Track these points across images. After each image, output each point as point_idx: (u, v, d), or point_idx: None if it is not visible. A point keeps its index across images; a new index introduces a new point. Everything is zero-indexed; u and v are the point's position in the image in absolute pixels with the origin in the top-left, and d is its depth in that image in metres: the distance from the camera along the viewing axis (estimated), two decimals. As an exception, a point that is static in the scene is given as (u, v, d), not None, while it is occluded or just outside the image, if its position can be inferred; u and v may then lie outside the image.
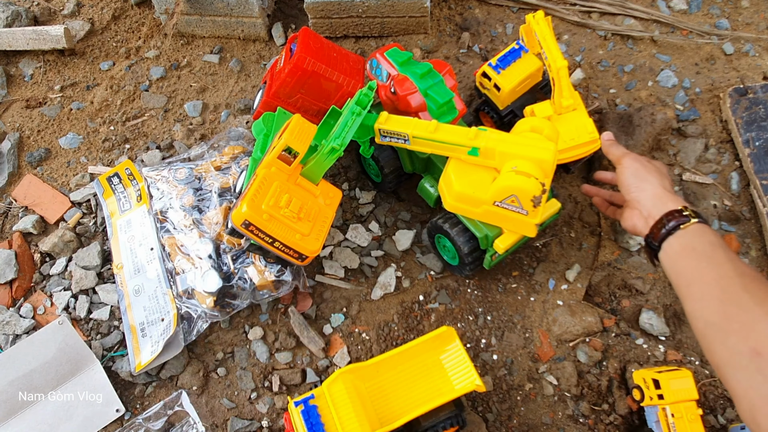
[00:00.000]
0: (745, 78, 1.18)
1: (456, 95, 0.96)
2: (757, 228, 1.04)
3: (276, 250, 0.87)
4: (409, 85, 0.95)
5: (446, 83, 0.96)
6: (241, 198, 0.85)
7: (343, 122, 0.87)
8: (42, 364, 0.96)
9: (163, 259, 1.03)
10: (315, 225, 0.88)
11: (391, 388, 0.84)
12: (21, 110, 1.32)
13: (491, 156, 0.84)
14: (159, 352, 0.94)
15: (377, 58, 1.01)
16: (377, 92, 1.02)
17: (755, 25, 1.26)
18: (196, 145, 1.19)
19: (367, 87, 0.90)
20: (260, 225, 0.83)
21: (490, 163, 0.85)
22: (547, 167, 0.81)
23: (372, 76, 1.04)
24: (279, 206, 0.85)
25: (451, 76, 0.98)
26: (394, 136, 0.91)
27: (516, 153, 0.82)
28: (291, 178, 0.88)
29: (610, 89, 1.21)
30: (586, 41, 1.28)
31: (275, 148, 0.86)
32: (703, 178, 1.10)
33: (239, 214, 0.83)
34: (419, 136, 0.88)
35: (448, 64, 0.99)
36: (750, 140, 1.09)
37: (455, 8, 1.35)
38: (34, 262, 1.11)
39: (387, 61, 1.00)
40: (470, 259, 0.93)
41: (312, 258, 0.89)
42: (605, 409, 0.91)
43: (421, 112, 0.95)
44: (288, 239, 0.85)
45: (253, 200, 0.82)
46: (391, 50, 1.01)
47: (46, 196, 1.18)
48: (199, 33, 1.35)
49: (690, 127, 1.14)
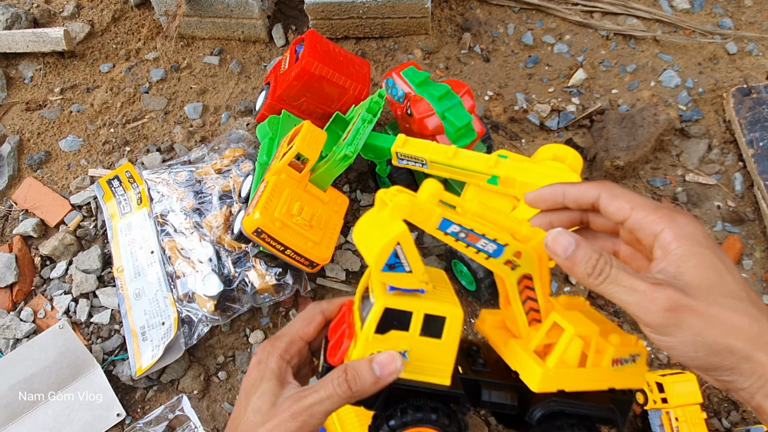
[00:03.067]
0: (749, 78, 1.17)
1: (474, 117, 0.93)
2: (761, 229, 1.03)
3: (286, 257, 0.86)
4: (426, 106, 0.92)
5: (464, 105, 0.93)
6: (253, 205, 0.84)
7: (355, 129, 0.87)
8: (42, 368, 0.96)
9: (164, 262, 1.02)
10: (326, 233, 0.88)
11: None
12: (21, 113, 1.32)
13: (511, 185, 0.82)
14: (160, 356, 0.94)
15: (393, 77, 0.99)
16: (392, 110, 1.01)
17: (759, 24, 1.25)
18: (196, 148, 1.19)
19: (377, 94, 0.89)
20: (273, 233, 0.82)
21: (509, 191, 0.84)
22: None
23: (388, 96, 1.00)
24: (291, 214, 0.84)
25: (470, 96, 0.95)
26: (412, 160, 0.89)
27: (537, 184, 0.79)
28: (300, 185, 0.88)
29: (613, 89, 1.21)
30: (588, 41, 1.27)
31: (286, 154, 0.86)
32: (706, 179, 1.09)
33: (252, 221, 0.81)
34: (437, 161, 0.85)
35: (466, 84, 0.95)
36: (754, 140, 1.08)
37: (456, 9, 1.34)
38: (35, 265, 1.11)
39: (403, 81, 0.97)
40: (487, 284, 0.92)
41: (322, 266, 0.89)
42: (608, 412, 0.91)
43: (439, 135, 0.93)
44: (300, 247, 0.84)
45: (265, 208, 0.81)
46: (407, 69, 0.98)
47: (46, 199, 1.18)
48: (199, 34, 1.35)
49: (693, 127, 1.13)
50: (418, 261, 0.44)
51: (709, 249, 0.41)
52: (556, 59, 1.26)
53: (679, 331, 0.38)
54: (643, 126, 1.10)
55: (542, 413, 0.49)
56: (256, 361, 0.50)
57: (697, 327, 0.38)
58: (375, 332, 0.46)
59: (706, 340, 0.38)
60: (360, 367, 0.44)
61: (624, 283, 0.40)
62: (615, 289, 0.40)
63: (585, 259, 0.41)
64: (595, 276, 0.41)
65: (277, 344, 0.51)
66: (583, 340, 0.48)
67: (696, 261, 0.40)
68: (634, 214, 0.43)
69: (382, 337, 0.46)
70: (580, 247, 0.41)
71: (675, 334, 0.39)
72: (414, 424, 0.48)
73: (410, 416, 0.47)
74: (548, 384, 0.48)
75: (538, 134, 1.18)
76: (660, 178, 1.10)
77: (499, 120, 1.19)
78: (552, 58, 1.26)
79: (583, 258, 0.41)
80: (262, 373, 0.48)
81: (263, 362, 0.49)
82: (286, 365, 0.50)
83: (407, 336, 0.46)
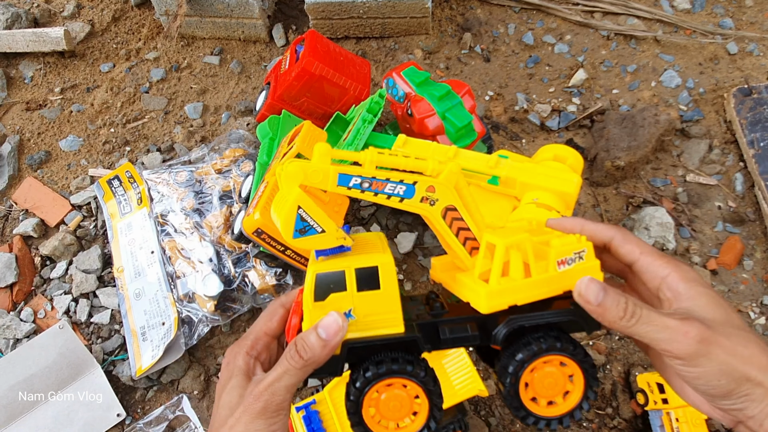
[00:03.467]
0: (750, 78, 1.17)
1: (475, 117, 0.93)
2: (761, 229, 1.03)
3: (286, 257, 0.86)
4: (426, 107, 0.92)
5: (465, 105, 0.93)
6: (253, 205, 0.84)
7: (355, 129, 0.87)
8: (42, 368, 0.96)
9: (164, 262, 1.02)
10: None
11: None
12: (21, 113, 1.32)
13: (512, 185, 0.82)
14: (160, 356, 0.94)
15: (394, 77, 0.99)
16: (392, 110, 1.01)
17: (759, 24, 1.24)
18: (196, 148, 1.19)
19: (377, 94, 0.89)
20: (273, 233, 0.82)
21: (510, 191, 0.84)
22: (569, 200, 0.78)
23: (389, 96, 1.01)
24: None
25: (470, 96, 0.95)
26: None
27: (538, 184, 0.79)
28: None
29: (613, 89, 1.21)
30: (589, 41, 1.27)
31: (286, 154, 0.85)
32: (707, 180, 1.09)
33: (252, 222, 0.81)
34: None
35: (466, 85, 0.96)
36: (755, 141, 1.08)
37: (456, 8, 1.34)
38: (35, 265, 1.11)
39: (404, 81, 0.97)
40: None
41: None
42: (609, 413, 0.91)
43: (439, 135, 0.93)
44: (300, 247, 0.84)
45: (266, 208, 0.81)
46: (408, 69, 0.98)
47: (46, 199, 1.18)
48: (200, 34, 1.35)
49: (694, 127, 1.13)
50: (326, 219, 0.45)
51: (711, 290, 0.46)
52: (557, 59, 1.25)
53: (708, 361, 0.41)
54: (643, 126, 1.10)
55: (504, 332, 0.49)
56: (225, 363, 0.52)
57: (722, 357, 0.41)
58: (315, 301, 0.47)
59: (729, 369, 0.41)
60: (307, 336, 0.46)
61: (655, 322, 0.43)
62: (647, 329, 0.43)
63: (615, 303, 0.43)
64: (627, 319, 0.43)
65: (242, 343, 0.52)
66: (519, 250, 0.48)
67: (706, 299, 0.44)
68: (643, 258, 0.47)
69: (323, 303, 0.47)
70: (609, 293, 0.44)
71: (703, 365, 0.42)
72: (389, 375, 0.48)
73: (385, 366, 0.48)
74: (496, 302, 0.47)
75: (539, 134, 1.18)
76: (661, 178, 1.10)
77: (500, 120, 1.19)
78: (552, 58, 1.26)
79: (613, 303, 0.43)
80: (231, 372, 0.50)
81: (231, 362, 0.51)
82: (254, 361, 0.51)
83: (347, 295, 0.47)
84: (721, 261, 1.01)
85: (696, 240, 1.03)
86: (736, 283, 0.99)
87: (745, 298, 0.98)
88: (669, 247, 1.01)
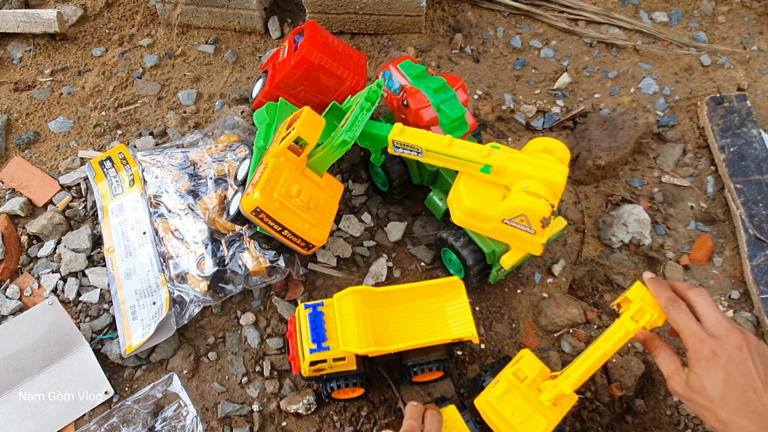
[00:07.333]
0: (721, 89, 1.25)
1: (468, 110, 0.97)
2: (730, 229, 1.10)
3: (283, 238, 0.88)
4: (422, 98, 0.95)
5: (458, 98, 0.97)
6: (252, 185, 0.86)
7: (354, 116, 0.89)
8: (30, 344, 0.95)
9: (156, 242, 1.03)
10: (322, 216, 0.90)
11: (393, 318, 0.87)
12: (9, 93, 1.30)
13: (503, 174, 0.86)
14: (150, 335, 0.95)
15: (390, 70, 1.02)
16: (387, 101, 1.04)
17: (730, 40, 1.33)
18: (190, 133, 1.19)
19: (375, 84, 0.92)
20: (271, 213, 0.84)
21: (501, 180, 0.87)
22: (557, 189, 0.82)
23: (385, 88, 1.04)
24: (290, 195, 0.86)
25: (464, 90, 0.99)
26: (408, 148, 0.91)
27: (528, 173, 0.83)
28: (298, 169, 0.90)
29: (595, 94, 1.27)
30: (573, 47, 1.33)
31: (285, 138, 0.88)
32: (680, 181, 1.15)
33: (251, 200, 0.83)
34: (433, 150, 0.88)
35: (460, 79, 0.99)
36: (725, 146, 1.15)
37: (449, 10, 1.38)
38: (21, 244, 1.10)
39: (400, 73, 1.00)
40: (475, 271, 0.95)
41: (318, 247, 0.91)
42: (588, 396, 0.95)
43: (433, 126, 0.96)
44: (297, 228, 0.86)
45: (265, 188, 0.83)
46: (404, 62, 1.01)
47: (34, 178, 1.17)
48: (195, 23, 1.36)
49: (669, 132, 1.20)
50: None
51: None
52: (543, 63, 1.31)
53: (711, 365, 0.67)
54: (623, 129, 1.16)
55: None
56: None
57: (720, 374, 0.66)
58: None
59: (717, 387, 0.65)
60: None
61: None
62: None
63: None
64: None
65: None
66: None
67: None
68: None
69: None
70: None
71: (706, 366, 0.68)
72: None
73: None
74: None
75: (524, 133, 1.22)
76: (638, 178, 1.15)
77: (488, 119, 1.23)
78: (539, 61, 1.31)
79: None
80: None
81: None
82: None
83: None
84: (693, 257, 1.07)
85: (670, 237, 1.09)
86: (707, 278, 1.05)
87: (715, 292, 1.04)
88: (645, 243, 1.07)
